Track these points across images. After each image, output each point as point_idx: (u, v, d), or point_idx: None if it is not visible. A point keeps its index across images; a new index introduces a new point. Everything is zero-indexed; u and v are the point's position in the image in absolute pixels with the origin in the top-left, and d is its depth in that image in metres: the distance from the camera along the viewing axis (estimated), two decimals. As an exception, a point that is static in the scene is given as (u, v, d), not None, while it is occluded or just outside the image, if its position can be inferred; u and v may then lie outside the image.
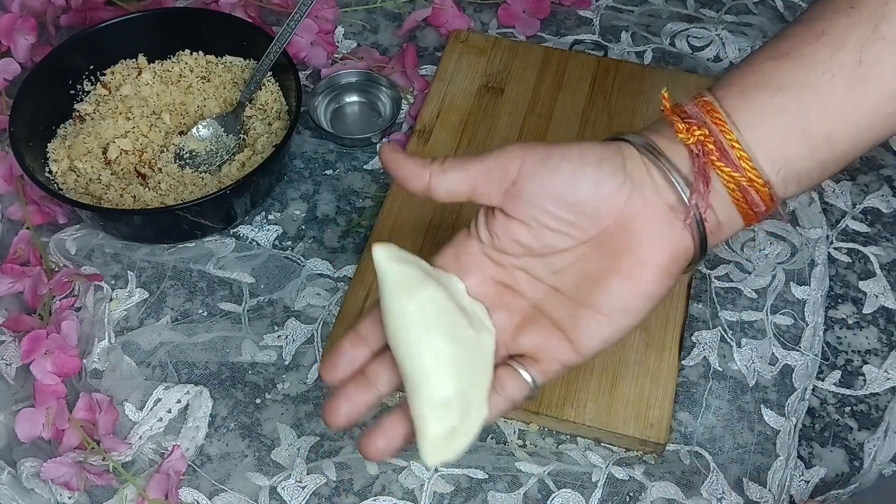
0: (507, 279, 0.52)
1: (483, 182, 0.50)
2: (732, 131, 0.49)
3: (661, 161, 0.49)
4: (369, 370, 0.52)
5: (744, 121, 0.49)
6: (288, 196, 0.80)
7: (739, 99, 0.50)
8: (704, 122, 0.49)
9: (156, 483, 0.63)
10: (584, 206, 0.49)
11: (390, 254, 0.50)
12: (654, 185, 0.50)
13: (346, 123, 0.85)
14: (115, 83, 0.82)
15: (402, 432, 0.50)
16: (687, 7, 0.93)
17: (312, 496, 0.64)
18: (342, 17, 0.91)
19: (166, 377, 0.70)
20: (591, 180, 0.49)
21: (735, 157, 0.49)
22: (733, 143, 0.49)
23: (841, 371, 0.70)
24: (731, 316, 0.72)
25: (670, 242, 0.50)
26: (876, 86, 0.48)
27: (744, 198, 0.49)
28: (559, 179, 0.49)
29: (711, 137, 0.49)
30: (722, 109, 0.50)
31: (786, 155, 0.49)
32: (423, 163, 0.51)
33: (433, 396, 0.49)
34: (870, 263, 0.76)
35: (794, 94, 0.49)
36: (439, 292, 0.50)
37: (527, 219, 0.50)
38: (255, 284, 0.74)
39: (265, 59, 0.80)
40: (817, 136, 0.49)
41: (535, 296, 0.52)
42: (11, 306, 0.73)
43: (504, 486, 0.64)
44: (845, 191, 0.79)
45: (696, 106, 0.50)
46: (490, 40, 0.87)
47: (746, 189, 0.49)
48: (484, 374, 0.50)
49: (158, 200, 0.75)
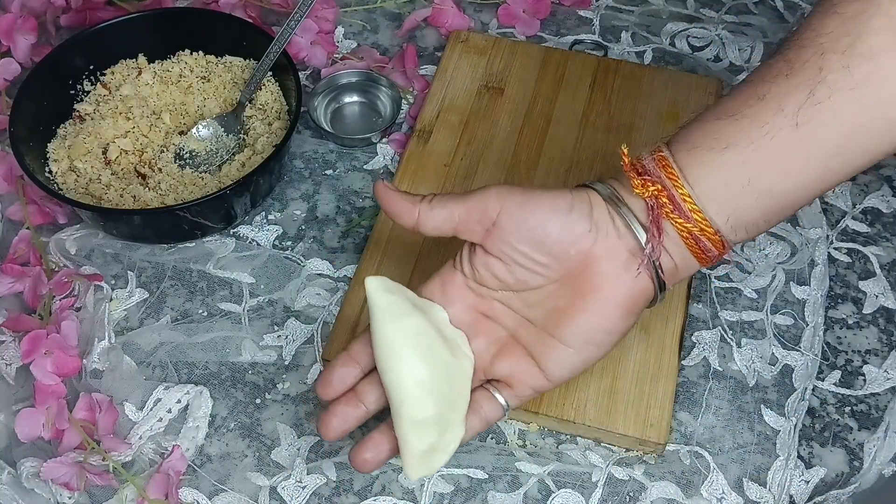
0: (486, 309, 0.58)
1: (465, 221, 0.56)
2: (685, 186, 0.54)
3: (623, 210, 0.55)
4: (359, 389, 0.57)
5: (694, 175, 0.54)
6: (288, 196, 0.80)
7: (691, 155, 0.54)
8: (660, 178, 0.54)
9: (156, 483, 0.63)
10: (553, 247, 0.55)
11: (381, 284, 0.56)
12: (616, 232, 0.55)
13: (346, 123, 0.85)
14: (115, 83, 0.82)
15: (387, 446, 0.56)
16: (687, 7, 0.93)
17: (312, 496, 0.64)
18: (342, 17, 0.91)
19: (166, 377, 0.70)
20: (561, 225, 0.54)
21: (687, 210, 0.54)
22: (685, 198, 0.53)
23: (841, 371, 0.70)
24: (731, 316, 0.72)
25: (630, 284, 0.55)
26: (813, 145, 0.52)
27: (696, 244, 0.54)
28: (533, 222, 0.54)
29: (665, 192, 0.54)
30: (675, 165, 0.54)
31: (733, 206, 0.54)
32: (412, 200, 0.57)
33: (414, 416, 0.54)
34: (870, 263, 0.76)
35: (738, 151, 0.53)
36: (423, 321, 0.56)
37: (503, 256, 0.55)
38: (255, 284, 0.74)
39: (265, 59, 0.80)
40: (761, 190, 0.53)
41: (510, 325, 0.58)
42: (11, 306, 0.73)
43: (504, 486, 0.64)
44: (845, 191, 0.80)
45: (653, 161, 0.55)
46: (490, 40, 0.87)
47: (698, 237, 0.54)
48: (461, 397, 0.56)
49: (158, 200, 0.75)
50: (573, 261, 0.55)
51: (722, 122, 0.54)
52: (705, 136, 0.54)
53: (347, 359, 0.57)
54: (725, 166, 0.53)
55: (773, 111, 0.52)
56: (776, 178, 0.53)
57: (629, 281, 0.55)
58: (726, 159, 0.53)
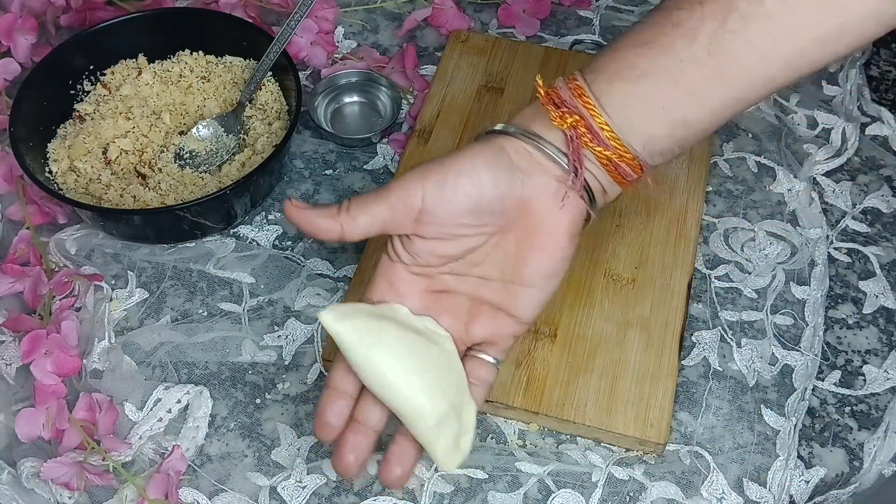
0: (439, 286, 0.57)
1: (391, 218, 0.55)
2: (602, 115, 0.54)
3: (542, 143, 0.55)
4: (358, 416, 0.56)
5: (611, 104, 0.54)
6: (288, 196, 0.80)
7: (607, 85, 0.55)
8: (576, 108, 0.55)
9: (156, 483, 0.63)
10: (488, 207, 0.55)
11: (336, 315, 0.54)
12: (541, 168, 0.55)
13: (346, 123, 0.85)
14: (115, 83, 0.82)
15: (412, 454, 0.56)
16: (687, 7, 0.92)
17: (312, 496, 0.64)
18: (342, 17, 0.91)
19: (166, 377, 0.70)
20: (490, 185, 0.54)
21: (605, 138, 0.55)
22: (602, 126, 0.54)
23: (841, 371, 0.70)
24: (731, 316, 0.72)
25: (566, 211, 0.56)
26: (725, 74, 0.53)
27: (616, 170, 0.56)
28: (462, 196, 0.54)
29: (583, 121, 0.54)
30: (591, 94, 0.55)
31: (649, 134, 0.55)
32: (330, 213, 0.55)
33: (430, 421, 0.54)
34: (870, 263, 0.76)
35: (653, 80, 0.54)
36: (391, 328, 0.55)
37: (442, 235, 0.55)
38: (255, 284, 0.74)
39: (265, 59, 0.80)
40: (675, 119, 0.54)
41: (469, 290, 0.58)
42: (11, 306, 0.73)
43: (504, 486, 0.64)
44: (845, 191, 0.80)
45: (570, 90, 0.55)
46: (490, 40, 0.87)
47: (617, 163, 0.55)
48: (459, 376, 0.56)
49: (158, 200, 0.75)
50: (510, 209, 0.55)
51: (637, 50, 0.54)
52: (620, 65, 0.55)
53: (334, 394, 0.56)
54: (641, 95, 0.54)
55: (687, 39, 0.52)
56: (689, 107, 0.54)
57: (564, 209, 0.55)
58: (642, 89, 0.54)
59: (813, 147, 0.81)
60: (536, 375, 0.67)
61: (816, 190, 0.79)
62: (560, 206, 0.55)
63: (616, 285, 0.72)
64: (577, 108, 0.55)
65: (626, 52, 0.55)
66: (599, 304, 0.71)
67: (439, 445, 0.54)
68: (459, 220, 0.54)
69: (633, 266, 0.73)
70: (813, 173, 0.80)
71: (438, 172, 0.54)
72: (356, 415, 0.56)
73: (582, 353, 0.68)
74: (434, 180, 0.54)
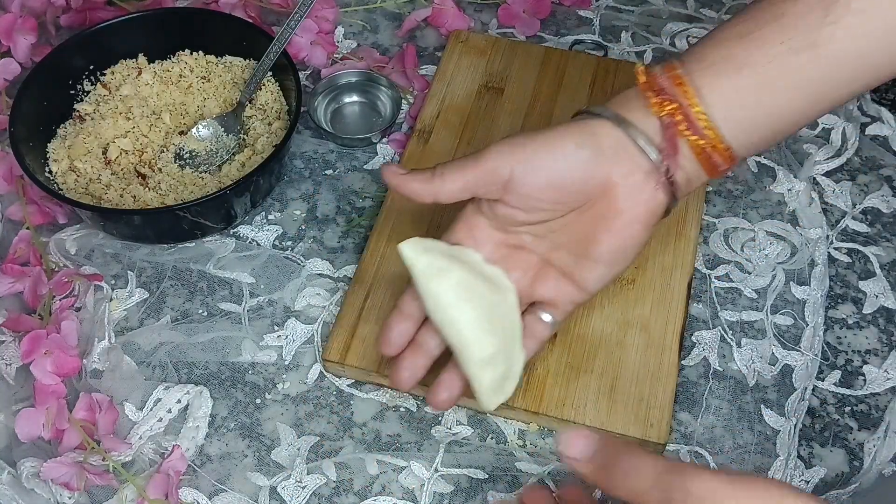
0: (515, 242, 0.61)
1: (481, 186, 0.59)
2: (700, 104, 0.55)
3: (633, 132, 0.57)
4: (419, 338, 0.61)
5: (710, 94, 0.56)
6: (288, 196, 0.80)
7: (707, 74, 0.56)
8: (675, 96, 0.56)
9: (156, 483, 0.63)
10: (570, 187, 0.58)
11: (414, 247, 0.59)
12: (628, 156, 0.57)
13: (346, 123, 0.85)
14: (115, 83, 0.82)
15: (458, 384, 0.61)
16: (687, 7, 0.93)
17: (312, 496, 0.64)
18: (342, 17, 0.91)
19: (166, 377, 0.70)
20: (575, 166, 0.57)
21: (701, 128, 0.56)
22: (700, 116, 0.55)
23: (841, 371, 0.70)
24: (731, 316, 0.72)
25: (647, 201, 0.58)
26: (826, 65, 0.54)
27: (708, 160, 0.57)
28: (546, 172, 0.57)
29: (681, 110, 0.56)
30: (691, 84, 0.56)
31: (745, 125, 0.56)
32: (425, 178, 0.59)
33: (479, 358, 0.58)
34: (870, 263, 0.76)
35: (753, 72, 0.55)
36: (462, 270, 0.59)
37: (523, 206, 0.58)
38: (255, 284, 0.74)
39: (265, 59, 0.80)
40: (773, 110, 0.56)
41: (542, 251, 0.61)
42: (11, 306, 0.73)
43: (504, 486, 0.64)
44: (845, 191, 0.80)
45: (669, 79, 0.56)
46: (490, 40, 0.87)
47: (710, 153, 0.56)
48: (514, 326, 0.61)
49: (158, 200, 0.75)
50: (592, 192, 0.58)
51: (738, 41, 0.55)
52: (721, 56, 0.56)
53: (401, 316, 0.61)
54: (741, 87, 0.55)
55: (789, 31, 0.53)
56: (787, 98, 0.55)
57: (646, 199, 0.58)
58: (742, 80, 0.55)
59: (813, 147, 0.81)
60: (536, 376, 0.67)
61: (816, 190, 0.79)
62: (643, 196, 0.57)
63: (616, 285, 0.72)
64: (676, 97, 0.56)
65: (727, 42, 0.56)
66: (599, 305, 0.70)
67: (484, 383, 0.59)
68: (542, 196, 0.58)
69: (633, 266, 0.72)
70: (813, 173, 0.80)
71: (529, 148, 0.57)
72: (417, 338, 0.61)
73: (582, 354, 0.68)
74: (524, 155, 0.57)
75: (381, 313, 0.70)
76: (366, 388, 0.69)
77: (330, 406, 0.69)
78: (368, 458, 0.66)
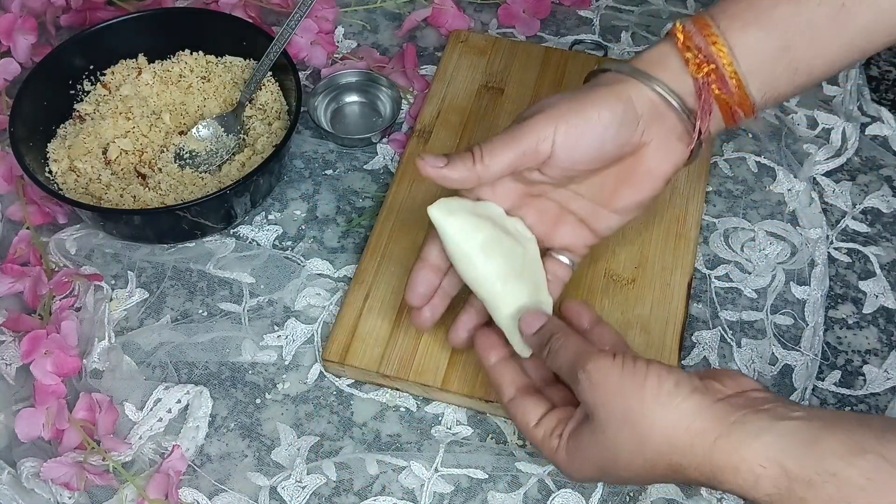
0: (536, 192, 0.63)
1: (522, 162, 0.60)
2: (733, 63, 0.57)
3: (671, 96, 0.59)
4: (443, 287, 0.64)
5: (742, 51, 0.57)
6: (288, 196, 0.80)
7: (735, 31, 0.58)
8: (711, 56, 0.57)
9: (156, 483, 0.63)
10: (607, 155, 0.60)
11: (442, 209, 0.61)
12: (660, 116, 0.59)
13: (346, 123, 0.85)
14: (115, 83, 0.82)
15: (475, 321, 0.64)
16: (687, 7, 0.93)
17: (312, 496, 0.64)
18: (342, 17, 0.91)
19: (166, 377, 0.70)
20: (613, 136, 0.59)
21: (732, 86, 0.58)
22: (732, 74, 0.58)
23: (841, 371, 0.70)
24: (731, 316, 0.72)
25: (673, 159, 0.61)
26: (852, 23, 0.56)
27: (731, 115, 0.59)
28: (586, 146, 0.59)
29: (716, 70, 0.58)
30: (724, 43, 0.57)
31: (772, 83, 0.59)
32: (466, 165, 0.59)
33: (511, 311, 0.61)
34: (870, 263, 0.76)
35: (784, 30, 0.57)
36: (489, 228, 0.61)
37: (558, 176, 0.61)
38: (255, 284, 0.74)
39: (265, 59, 0.80)
40: (800, 66, 0.58)
41: (561, 199, 0.63)
42: (11, 306, 0.73)
43: (504, 486, 0.64)
44: (845, 191, 0.80)
45: (704, 39, 0.58)
46: (490, 40, 0.87)
47: (735, 108, 0.59)
48: (540, 273, 0.64)
49: (158, 200, 0.75)
50: (625, 154, 0.60)
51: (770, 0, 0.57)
52: (753, 12, 0.57)
53: (426, 266, 0.63)
54: (771, 43, 0.57)
55: None
56: (813, 55, 0.58)
57: (674, 157, 0.60)
58: (773, 37, 0.57)
59: (813, 147, 0.81)
60: (536, 375, 0.67)
61: (816, 190, 0.79)
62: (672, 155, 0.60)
63: (616, 285, 0.72)
64: (711, 57, 0.57)
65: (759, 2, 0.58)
66: (599, 304, 0.70)
67: (518, 334, 0.61)
68: (580, 167, 0.60)
69: (633, 266, 0.73)
70: (813, 173, 0.80)
71: (568, 121, 0.58)
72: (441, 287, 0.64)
73: (582, 353, 0.68)
74: (563, 129, 0.58)
75: (381, 313, 0.70)
76: (366, 388, 0.69)
77: (330, 406, 0.69)
78: (368, 458, 0.66)
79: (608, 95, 0.59)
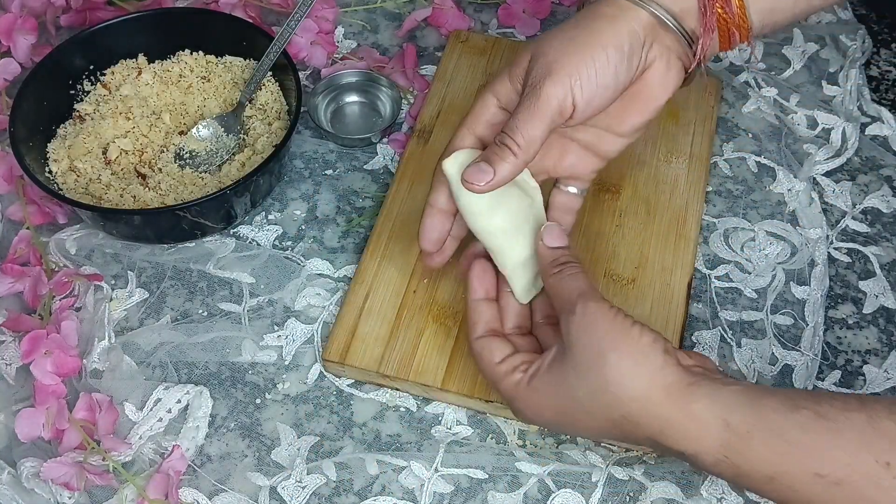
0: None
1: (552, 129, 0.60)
2: None
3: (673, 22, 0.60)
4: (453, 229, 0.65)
5: None
6: (288, 196, 0.80)
7: None
8: None
9: (156, 483, 0.63)
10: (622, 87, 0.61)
11: (454, 163, 0.62)
12: (661, 40, 0.61)
13: (346, 123, 0.85)
14: (115, 83, 0.82)
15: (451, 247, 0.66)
16: (687, 7, 0.92)
17: (312, 496, 0.64)
18: (342, 17, 0.91)
19: (166, 377, 0.70)
20: (625, 70, 0.60)
21: (735, 10, 0.60)
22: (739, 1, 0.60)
23: (841, 371, 0.70)
24: (731, 316, 0.72)
25: (673, 78, 0.62)
26: None
27: (728, 36, 0.62)
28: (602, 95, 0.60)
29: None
30: None
31: (772, 10, 0.62)
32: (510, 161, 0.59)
33: (515, 262, 0.63)
34: (870, 263, 0.76)
35: None
36: None
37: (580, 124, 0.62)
38: (255, 284, 0.74)
39: (265, 59, 0.80)
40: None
41: (567, 130, 0.64)
42: (11, 306, 0.73)
43: (504, 486, 0.64)
44: (845, 191, 0.80)
45: None
46: (490, 40, 0.87)
47: (734, 32, 0.61)
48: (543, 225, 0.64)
49: (158, 200, 0.75)
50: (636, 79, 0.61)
51: None
52: None
53: (435, 211, 0.64)
54: None
55: None
56: None
57: (674, 78, 0.62)
58: None
59: (813, 147, 0.81)
60: (536, 375, 0.67)
61: (816, 190, 0.79)
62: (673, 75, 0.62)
63: (616, 285, 0.72)
64: None
65: None
66: (599, 304, 0.70)
67: (520, 282, 0.63)
68: (600, 110, 0.61)
69: (633, 266, 0.73)
70: (813, 173, 0.80)
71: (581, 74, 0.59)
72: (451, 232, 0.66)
73: (582, 353, 0.68)
74: (579, 84, 0.59)
75: (381, 313, 0.70)
76: (366, 388, 0.69)
77: (330, 406, 0.69)
78: (368, 458, 0.66)
79: (610, 30, 0.60)
